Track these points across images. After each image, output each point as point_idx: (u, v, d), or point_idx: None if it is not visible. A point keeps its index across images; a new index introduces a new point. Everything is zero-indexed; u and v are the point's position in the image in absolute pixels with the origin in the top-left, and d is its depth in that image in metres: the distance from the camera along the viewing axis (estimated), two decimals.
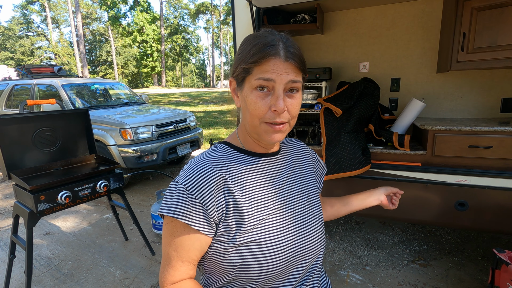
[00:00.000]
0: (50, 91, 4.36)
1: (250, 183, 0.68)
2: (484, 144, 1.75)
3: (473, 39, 1.83)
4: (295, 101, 0.63)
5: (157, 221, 2.55)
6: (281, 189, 0.72)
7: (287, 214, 0.70)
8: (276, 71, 0.59)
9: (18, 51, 31.23)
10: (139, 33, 27.52)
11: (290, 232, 0.68)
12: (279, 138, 0.64)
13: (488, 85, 2.17)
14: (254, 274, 0.64)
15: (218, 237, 0.65)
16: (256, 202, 0.67)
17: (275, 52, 0.59)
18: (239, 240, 0.63)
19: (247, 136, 0.71)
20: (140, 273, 2.13)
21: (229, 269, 0.64)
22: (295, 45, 0.63)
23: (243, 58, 0.63)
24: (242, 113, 0.67)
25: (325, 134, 2.03)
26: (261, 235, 0.64)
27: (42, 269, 2.21)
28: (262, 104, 0.61)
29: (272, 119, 0.62)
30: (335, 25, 2.51)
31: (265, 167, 0.73)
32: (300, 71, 0.63)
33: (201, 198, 0.62)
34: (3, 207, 3.40)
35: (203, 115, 10.51)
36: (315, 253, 0.72)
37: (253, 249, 0.63)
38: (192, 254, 0.65)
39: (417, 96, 2.35)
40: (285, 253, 0.66)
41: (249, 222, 0.64)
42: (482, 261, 2.10)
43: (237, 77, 0.66)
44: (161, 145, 3.79)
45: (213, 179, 0.64)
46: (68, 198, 1.74)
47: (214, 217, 0.63)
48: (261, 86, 0.61)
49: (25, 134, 1.91)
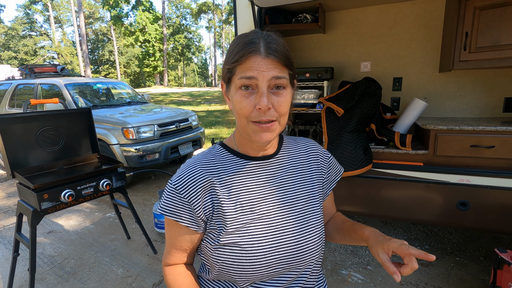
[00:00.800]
0: (53, 90, 4.39)
1: (238, 187, 0.69)
2: (487, 143, 1.74)
3: (475, 38, 1.82)
4: (282, 98, 0.61)
5: (159, 220, 2.57)
6: (273, 193, 0.71)
7: (276, 220, 0.69)
8: (257, 68, 0.58)
9: (21, 51, 31.39)
10: (141, 33, 27.57)
11: (276, 239, 0.67)
12: (268, 138, 0.63)
13: (490, 84, 2.16)
14: (234, 274, 0.66)
15: (207, 233, 0.70)
16: (241, 206, 0.68)
17: (255, 49, 0.59)
18: (222, 241, 0.66)
19: (241, 138, 0.72)
20: (142, 271, 2.15)
21: (214, 264, 0.68)
22: (278, 41, 0.62)
23: (227, 59, 0.63)
24: (234, 115, 0.66)
25: (326, 134, 2.03)
26: (243, 238, 0.65)
27: (46, 267, 2.23)
28: (247, 103, 0.61)
29: (258, 118, 0.61)
30: (337, 25, 2.51)
31: (256, 171, 0.71)
32: (284, 67, 0.61)
33: (189, 198, 0.67)
34: (7, 206, 3.43)
35: (205, 114, 10.52)
36: (306, 260, 0.69)
37: (234, 251, 0.65)
38: (183, 245, 0.72)
39: (419, 96, 2.35)
40: (267, 259, 0.65)
41: (231, 224, 0.66)
42: (484, 261, 2.10)
43: (224, 78, 0.66)
44: (163, 145, 3.81)
45: (201, 182, 0.67)
46: (71, 197, 1.76)
47: (201, 216, 0.68)
48: (245, 85, 0.60)
49: (29, 133, 1.92)
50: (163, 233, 2.62)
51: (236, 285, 0.69)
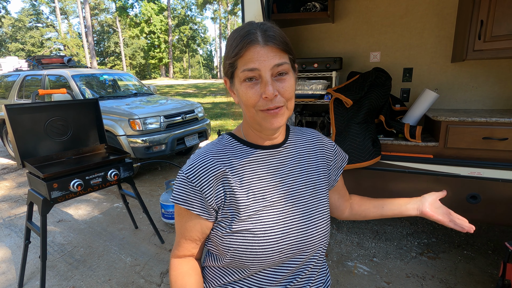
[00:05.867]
0: (60, 81, 4.41)
1: (250, 175, 0.70)
2: (500, 135, 1.70)
3: (491, 27, 1.76)
4: (286, 84, 0.62)
5: (166, 210, 2.59)
6: (282, 181, 0.73)
7: (286, 207, 0.71)
8: (258, 59, 0.59)
9: (28, 43, 31.59)
10: (146, 24, 27.48)
11: (287, 225, 0.69)
12: (279, 123, 0.64)
13: (505, 75, 2.09)
14: (246, 260, 0.67)
15: (218, 222, 0.70)
16: (253, 193, 0.69)
17: (253, 39, 0.60)
18: (234, 228, 0.67)
19: (249, 129, 0.73)
20: (150, 260, 2.18)
21: (225, 252, 0.69)
22: (274, 28, 0.63)
23: (227, 54, 0.64)
24: (241, 107, 0.68)
25: (334, 125, 2.01)
26: (256, 225, 0.67)
27: (56, 254, 2.28)
28: (252, 93, 0.62)
29: (265, 106, 0.62)
30: (347, 13, 2.45)
31: (266, 159, 0.73)
32: (284, 52, 0.62)
33: (200, 187, 0.67)
34: (17, 195, 3.50)
35: (210, 106, 10.51)
36: (313, 247, 0.73)
37: (247, 238, 0.67)
38: (193, 234, 0.73)
39: (430, 87, 2.29)
40: (278, 245, 0.67)
41: (244, 212, 0.67)
42: (492, 255, 2.08)
43: (226, 73, 0.67)
44: (169, 136, 3.82)
45: (213, 171, 0.68)
46: (80, 186, 1.78)
47: (212, 205, 0.68)
48: (248, 77, 0.61)
49: (38, 123, 1.94)
50: (170, 223, 2.65)
51: (246, 271, 0.70)
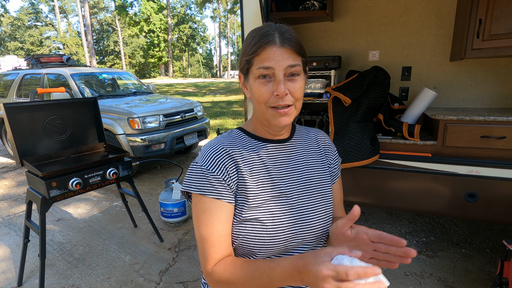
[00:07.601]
0: (59, 80, 4.40)
1: (259, 165, 0.74)
2: (498, 134, 1.70)
3: (489, 25, 1.76)
4: (297, 84, 0.67)
5: (165, 209, 2.59)
6: (289, 174, 0.76)
7: (292, 199, 0.74)
8: (273, 59, 0.64)
9: (27, 41, 31.52)
10: (146, 23, 27.41)
11: (293, 215, 0.72)
12: (286, 122, 0.68)
13: (503, 74, 2.10)
14: (254, 248, 0.69)
15: None
16: (263, 183, 0.72)
17: (271, 40, 0.64)
18: (244, 216, 0.69)
19: (257, 124, 0.77)
20: (149, 259, 2.18)
21: (233, 240, 0.71)
22: (291, 32, 0.67)
23: (245, 51, 0.68)
24: (252, 102, 0.72)
25: (333, 124, 2.01)
26: (264, 214, 0.70)
27: (55, 253, 2.28)
28: (265, 90, 0.66)
29: (276, 103, 0.66)
30: (345, 12, 2.44)
31: (274, 152, 0.77)
32: (298, 55, 0.67)
33: (220, 173, 0.69)
34: (16, 194, 3.50)
35: (210, 105, 10.51)
36: (317, 237, 0.76)
37: (256, 226, 0.69)
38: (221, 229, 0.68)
39: (429, 86, 2.29)
40: (285, 234, 0.70)
41: (253, 200, 0.70)
42: (490, 253, 2.09)
43: (242, 69, 0.71)
44: (168, 135, 3.82)
45: (227, 158, 0.71)
46: (79, 185, 1.78)
47: (233, 189, 0.70)
48: (262, 74, 0.66)
49: (36, 122, 1.94)
50: (169, 222, 2.65)
51: (252, 257, 0.72)
